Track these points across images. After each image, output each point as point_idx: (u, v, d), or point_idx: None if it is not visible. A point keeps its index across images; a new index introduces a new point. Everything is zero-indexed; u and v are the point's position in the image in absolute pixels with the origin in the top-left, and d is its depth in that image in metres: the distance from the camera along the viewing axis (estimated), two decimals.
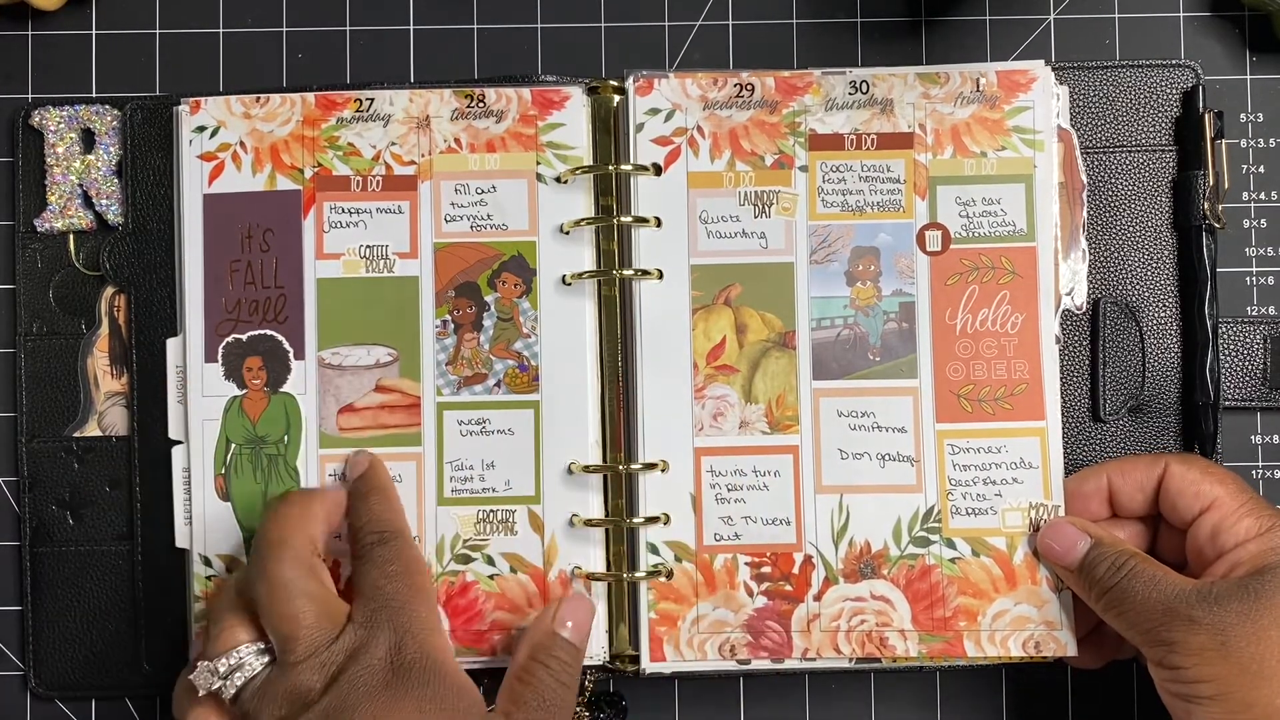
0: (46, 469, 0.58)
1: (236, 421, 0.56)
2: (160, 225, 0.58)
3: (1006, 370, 0.55)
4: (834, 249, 0.55)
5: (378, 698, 0.46)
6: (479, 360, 0.56)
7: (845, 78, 0.56)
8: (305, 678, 0.47)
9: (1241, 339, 0.58)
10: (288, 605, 0.48)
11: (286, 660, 0.48)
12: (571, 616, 0.51)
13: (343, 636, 0.48)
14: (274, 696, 0.47)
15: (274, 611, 0.48)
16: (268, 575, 0.49)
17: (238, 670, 0.48)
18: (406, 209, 0.56)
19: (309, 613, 0.48)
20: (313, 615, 0.48)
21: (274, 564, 0.49)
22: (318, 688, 0.47)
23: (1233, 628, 0.47)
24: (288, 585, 0.48)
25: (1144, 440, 0.57)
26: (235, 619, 0.50)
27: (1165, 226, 0.57)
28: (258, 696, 0.48)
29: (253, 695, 0.48)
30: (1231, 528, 0.50)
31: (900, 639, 0.54)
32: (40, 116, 0.58)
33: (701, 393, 0.55)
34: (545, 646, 0.51)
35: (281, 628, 0.48)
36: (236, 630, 0.49)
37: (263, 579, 0.49)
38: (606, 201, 0.56)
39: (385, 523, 0.52)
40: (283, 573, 0.49)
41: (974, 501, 0.55)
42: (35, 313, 0.59)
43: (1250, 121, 0.59)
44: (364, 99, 0.56)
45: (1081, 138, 0.57)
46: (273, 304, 0.56)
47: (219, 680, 0.48)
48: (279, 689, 0.47)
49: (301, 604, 0.48)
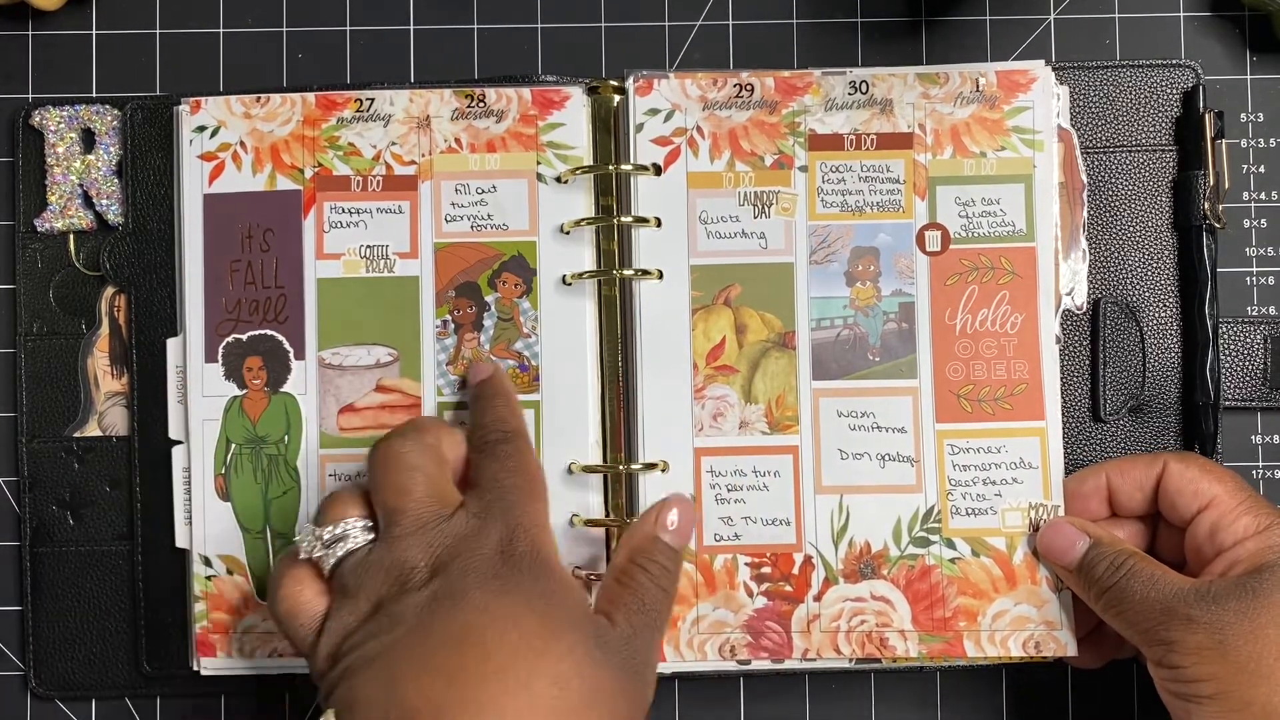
0: (46, 469, 0.58)
1: (236, 421, 0.56)
2: (160, 225, 0.58)
3: (1006, 370, 0.55)
4: (834, 249, 0.55)
5: (487, 586, 0.45)
6: (479, 360, 0.56)
7: (845, 78, 0.56)
8: (410, 554, 0.46)
9: (1241, 339, 0.58)
10: (399, 475, 0.47)
11: (391, 533, 0.46)
12: (674, 518, 0.50)
13: (453, 520, 0.47)
14: (376, 571, 0.46)
15: (385, 482, 0.47)
16: (384, 446, 0.48)
17: (341, 541, 0.47)
18: (407, 209, 0.56)
19: (420, 486, 0.47)
20: (423, 490, 0.47)
21: (395, 438, 0.48)
22: (422, 567, 0.46)
23: (1231, 626, 0.47)
24: (402, 457, 0.48)
25: (1144, 440, 0.57)
26: (348, 495, 0.49)
27: (1165, 226, 0.57)
28: (359, 570, 0.46)
29: (354, 569, 0.46)
30: (1230, 526, 0.50)
31: (900, 639, 0.54)
32: (40, 116, 0.58)
33: (701, 393, 0.55)
34: (645, 550, 0.49)
35: (390, 499, 0.47)
36: (347, 505, 0.48)
37: (379, 450, 0.48)
38: (606, 201, 0.56)
39: (508, 422, 0.51)
40: (401, 445, 0.48)
41: (974, 502, 0.55)
42: (35, 313, 0.59)
43: (1250, 121, 0.59)
44: (364, 99, 0.56)
45: (1081, 138, 0.57)
46: (273, 304, 0.56)
47: (322, 548, 0.47)
48: (382, 562, 0.46)
49: (414, 476, 0.47)
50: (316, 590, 0.48)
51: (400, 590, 0.45)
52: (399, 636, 0.44)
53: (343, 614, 0.46)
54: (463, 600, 0.44)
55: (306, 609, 0.47)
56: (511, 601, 0.45)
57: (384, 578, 0.46)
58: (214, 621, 0.56)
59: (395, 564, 0.46)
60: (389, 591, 0.46)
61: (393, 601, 0.45)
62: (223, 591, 0.56)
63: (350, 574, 0.47)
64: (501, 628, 0.44)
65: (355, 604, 0.46)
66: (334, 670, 0.45)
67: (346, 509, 0.48)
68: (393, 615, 0.45)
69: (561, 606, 0.46)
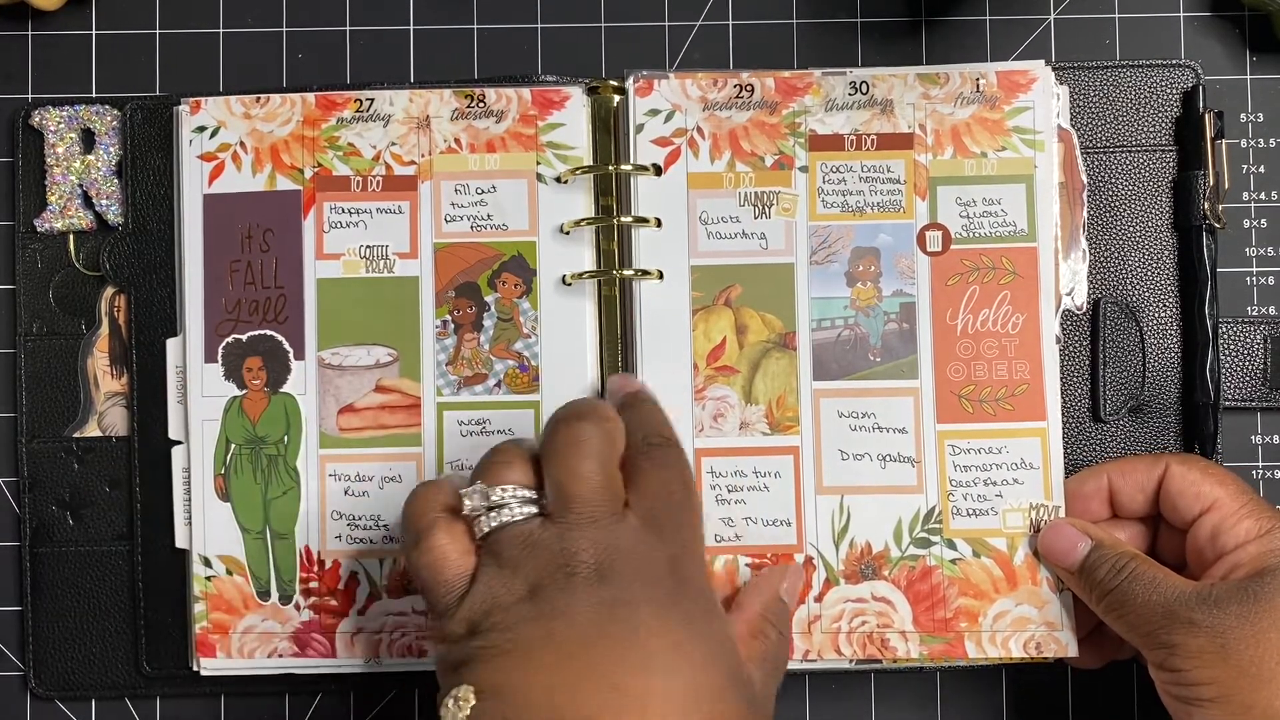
0: (46, 469, 0.58)
1: (236, 422, 0.56)
2: (160, 225, 0.58)
3: (1007, 370, 0.55)
4: (834, 249, 0.55)
5: (657, 603, 0.44)
6: (479, 360, 0.56)
7: (845, 78, 0.56)
8: (579, 545, 0.44)
9: (1242, 339, 0.58)
10: (579, 461, 0.46)
11: (565, 518, 0.45)
12: (793, 587, 0.53)
13: (625, 523, 0.45)
14: (542, 552, 0.44)
15: (564, 464, 0.46)
16: (569, 426, 0.46)
17: (505, 508, 0.46)
18: (406, 209, 0.56)
19: (597, 476, 0.45)
20: (599, 480, 0.45)
21: (580, 421, 0.46)
22: (589, 562, 0.44)
23: (1232, 630, 0.47)
24: (586, 442, 0.46)
25: (1144, 440, 0.57)
26: (518, 458, 0.47)
27: (1165, 226, 0.57)
28: (523, 546, 0.45)
29: (517, 542, 0.45)
30: (1231, 529, 0.50)
31: (901, 640, 0.54)
32: (40, 116, 0.58)
33: (702, 393, 0.55)
34: (776, 610, 0.50)
35: (568, 482, 0.45)
36: (514, 467, 0.47)
37: (562, 428, 0.46)
38: (606, 202, 0.56)
39: (666, 429, 0.49)
40: (585, 429, 0.46)
41: (975, 502, 0.55)
42: (35, 313, 0.59)
43: (1250, 121, 0.59)
44: (364, 99, 0.56)
45: (1082, 138, 0.57)
46: (273, 304, 0.56)
47: (483, 509, 0.46)
48: (551, 546, 0.44)
49: (593, 465, 0.45)
50: (465, 548, 0.46)
51: (565, 580, 0.44)
52: (560, 630, 0.43)
53: (492, 583, 0.45)
54: (634, 616, 0.43)
55: (454, 565, 0.46)
56: (685, 634, 0.44)
57: (549, 562, 0.44)
58: (214, 621, 0.56)
59: (563, 552, 0.44)
60: (551, 578, 0.44)
61: (556, 590, 0.44)
62: (223, 591, 0.56)
63: (511, 546, 0.45)
64: (673, 659, 0.43)
65: (509, 579, 0.44)
66: (473, 641, 0.44)
67: (511, 471, 0.46)
68: (555, 606, 0.43)
69: (722, 647, 0.45)
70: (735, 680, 0.45)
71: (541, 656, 0.43)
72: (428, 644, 0.46)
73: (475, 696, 0.42)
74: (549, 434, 0.47)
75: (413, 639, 0.55)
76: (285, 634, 0.55)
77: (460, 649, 0.44)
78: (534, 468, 0.47)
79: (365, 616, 0.55)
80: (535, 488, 0.46)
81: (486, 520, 0.46)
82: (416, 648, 0.55)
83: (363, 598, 0.55)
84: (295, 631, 0.55)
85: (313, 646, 0.55)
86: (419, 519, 0.46)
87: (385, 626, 0.55)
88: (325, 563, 0.56)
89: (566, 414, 0.47)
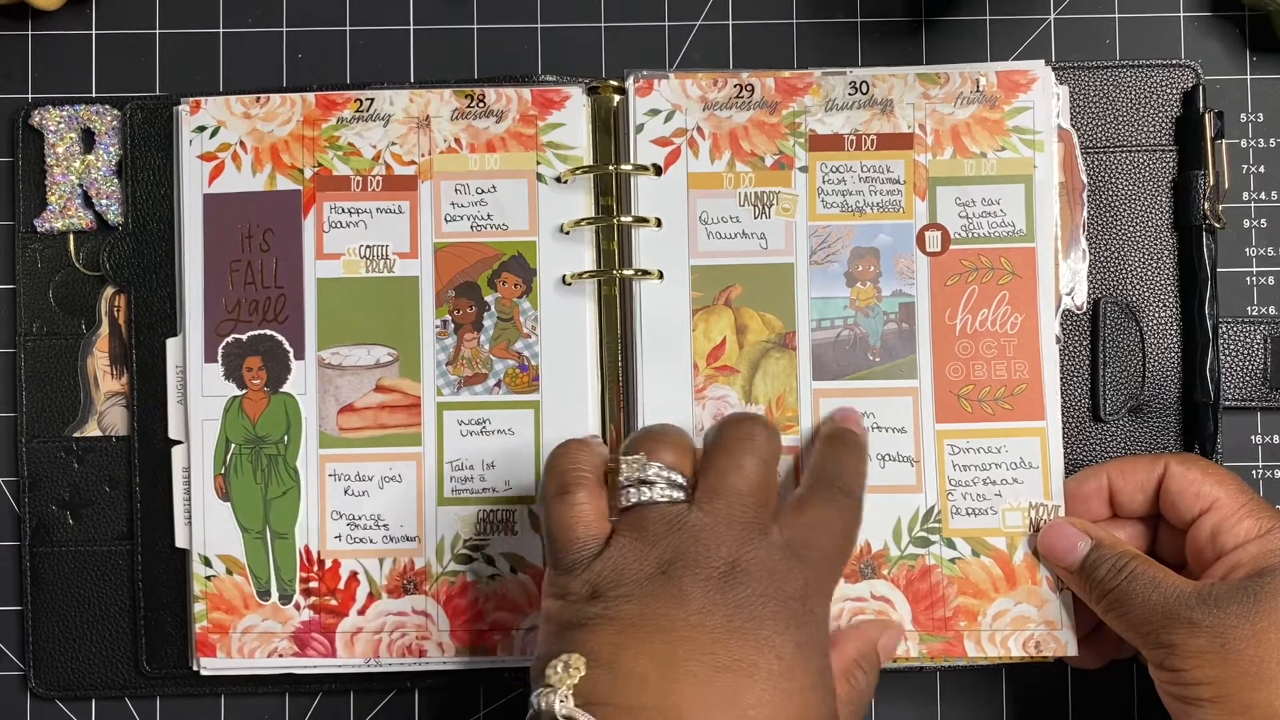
0: (46, 469, 0.58)
1: (236, 421, 0.56)
2: (160, 225, 0.58)
3: (1006, 370, 0.55)
4: (834, 250, 0.55)
5: (781, 621, 0.44)
6: (479, 360, 0.56)
7: (845, 78, 0.56)
8: (720, 540, 0.45)
9: (1242, 339, 0.58)
10: (746, 456, 0.46)
11: (714, 507, 0.45)
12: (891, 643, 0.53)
13: (768, 539, 0.45)
14: (686, 537, 0.45)
15: (730, 455, 0.46)
16: (744, 424, 0.47)
17: (655, 485, 0.46)
18: (406, 209, 0.56)
19: (758, 475, 0.46)
20: (759, 480, 0.46)
21: (757, 424, 0.47)
22: (724, 558, 0.44)
23: (1232, 630, 0.47)
24: (757, 441, 0.47)
25: (1144, 440, 0.57)
26: (678, 440, 0.48)
27: (1165, 226, 0.57)
28: (669, 526, 0.45)
29: (664, 521, 0.45)
30: (1231, 529, 0.50)
31: (901, 639, 0.54)
32: (40, 116, 0.58)
33: (702, 393, 0.55)
34: (869, 658, 0.51)
35: (729, 471, 0.46)
36: (673, 450, 0.47)
37: (737, 424, 0.47)
38: (606, 201, 0.56)
39: (858, 482, 0.50)
40: (761, 431, 0.47)
41: (974, 501, 0.55)
42: (35, 313, 0.59)
43: (1250, 121, 0.59)
44: (364, 99, 0.56)
45: (1082, 138, 0.57)
46: (273, 304, 0.56)
47: (636, 481, 0.46)
48: (695, 533, 0.45)
49: (758, 464, 0.46)
50: (602, 512, 0.47)
51: (697, 569, 0.44)
52: (679, 615, 0.43)
53: (626, 553, 0.45)
54: (756, 627, 0.43)
55: (590, 526, 0.46)
56: (796, 659, 0.44)
57: (687, 547, 0.44)
58: (214, 621, 0.56)
59: (702, 542, 0.44)
60: (684, 563, 0.44)
61: (686, 576, 0.44)
62: (223, 591, 0.56)
63: (655, 522, 0.45)
64: (778, 677, 0.43)
65: (644, 552, 0.45)
66: (593, 605, 0.44)
67: (670, 454, 0.47)
68: (682, 590, 0.44)
69: (823, 680, 0.45)
70: (824, 715, 0.45)
71: (656, 634, 0.43)
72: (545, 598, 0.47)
73: (585, 667, 0.42)
74: (720, 426, 0.48)
75: (413, 639, 0.55)
76: (285, 634, 0.55)
77: (577, 609, 0.45)
78: (689, 458, 0.48)
79: (365, 616, 0.55)
80: (686, 475, 0.47)
81: (636, 493, 0.46)
82: (416, 648, 0.55)
83: (363, 598, 0.55)
84: (295, 631, 0.55)
85: (313, 646, 0.55)
86: (568, 472, 0.47)
87: (385, 626, 0.55)
88: (325, 562, 0.56)
89: (741, 415, 0.49)
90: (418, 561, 0.55)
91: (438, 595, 0.55)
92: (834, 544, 0.48)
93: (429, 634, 0.55)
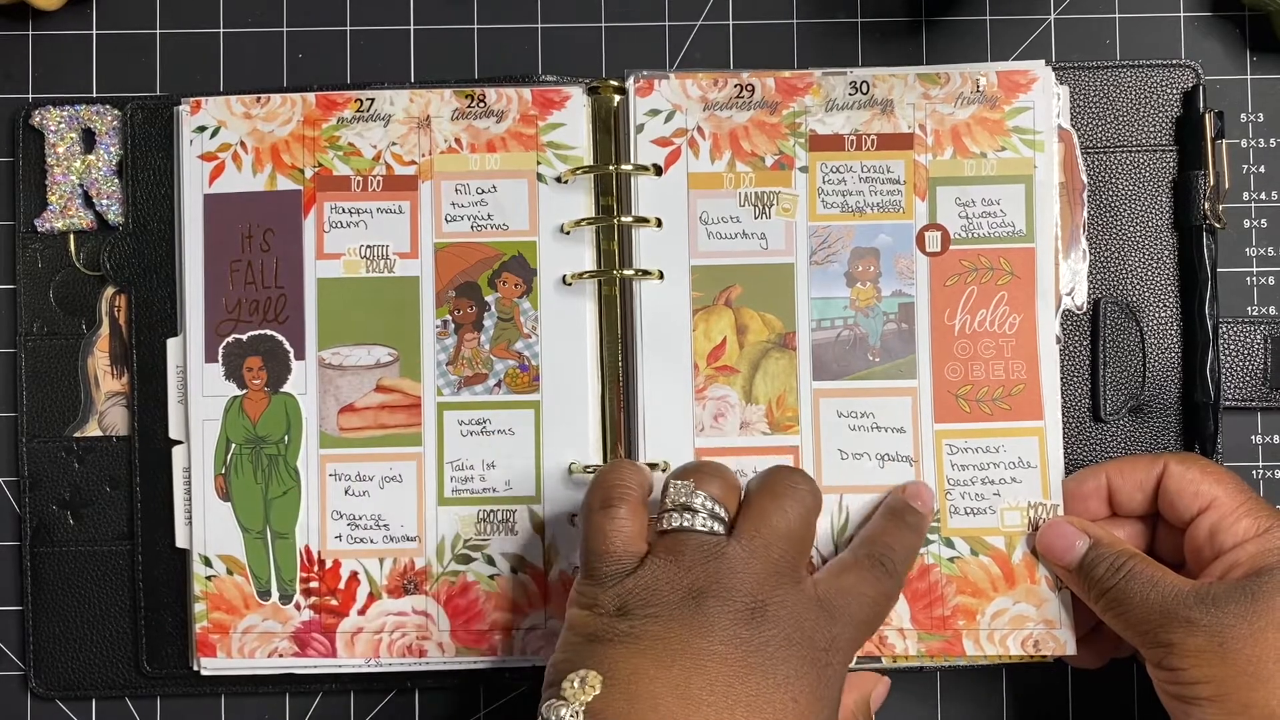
0: (46, 469, 0.58)
1: (237, 421, 0.56)
2: (160, 225, 0.58)
3: (1004, 371, 0.55)
4: (834, 250, 0.55)
5: (800, 662, 0.45)
6: (479, 360, 0.56)
7: (845, 78, 0.56)
8: (749, 577, 0.45)
9: (1242, 339, 0.58)
10: (791, 502, 0.48)
11: (752, 544, 0.46)
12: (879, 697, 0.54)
13: (799, 589, 0.46)
14: (722, 568, 0.46)
15: (774, 498, 0.48)
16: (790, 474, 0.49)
17: (696, 514, 0.47)
18: (407, 209, 0.56)
19: (798, 522, 0.47)
20: (798, 526, 0.47)
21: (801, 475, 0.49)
22: (750, 595, 0.45)
23: (1230, 629, 0.47)
24: (803, 492, 0.48)
25: (1144, 440, 0.57)
26: (726, 477, 0.49)
27: (1165, 226, 0.57)
28: (706, 555, 0.46)
29: (703, 550, 0.46)
30: (1230, 528, 0.50)
31: (899, 638, 0.54)
32: (40, 116, 0.58)
33: (702, 393, 0.55)
34: (866, 712, 0.52)
35: (771, 512, 0.47)
36: (719, 484, 0.48)
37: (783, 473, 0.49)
38: (607, 201, 0.56)
39: (906, 564, 0.51)
40: (807, 485, 0.48)
41: (972, 501, 0.55)
42: (35, 313, 0.59)
43: (1250, 121, 0.59)
44: (364, 99, 0.56)
45: (1082, 138, 0.57)
46: (273, 304, 0.56)
47: (680, 507, 0.47)
48: (732, 567, 0.46)
49: (800, 512, 0.48)
50: (642, 532, 0.48)
51: (725, 602, 0.45)
52: (707, 650, 0.44)
53: (659, 574, 0.46)
54: (775, 666, 0.44)
55: (628, 542, 0.47)
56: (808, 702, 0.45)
57: (719, 578, 0.45)
58: (214, 621, 0.56)
59: (736, 576, 0.45)
60: (713, 594, 0.45)
61: (714, 607, 0.45)
62: (223, 591, 0.56)
63: (692, 549, 0.46)
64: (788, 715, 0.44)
65: (678, 577, 0.46)
66: (620, 621, 0.45)
67: (716, 487, 0.48)
68: (708, 619, 0.45)
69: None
70: None
71: (676, 660, 0.44)
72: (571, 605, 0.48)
73: (601, 685, 0.43)
74: (767, 473, 0.49)
75: (413, 639, 0.55)
76: (285, 634, 0.55)
77: (603, 622, 0.45)
78: (735, 496, 0.49)
79: (365, 616, 0.55)
80: (729, 511, 0.48)
81: (678, 517, 0.47)
82: (417, 648, 0.55)
83: (363, 598, 0.56)
84: (295, 631, 0.55)
85: (313, 646, 0.55)
86: (615, 487, 0.48)
87: (385, 626, 0.55)
88: (325, 562, 0.56)
89: (788, 467, 0.50)
90: (418, 561, 0.55)
91: (438, 595, 0.55)
92: (865, 612, 0.48)
93: (429, 634, 0.55)
